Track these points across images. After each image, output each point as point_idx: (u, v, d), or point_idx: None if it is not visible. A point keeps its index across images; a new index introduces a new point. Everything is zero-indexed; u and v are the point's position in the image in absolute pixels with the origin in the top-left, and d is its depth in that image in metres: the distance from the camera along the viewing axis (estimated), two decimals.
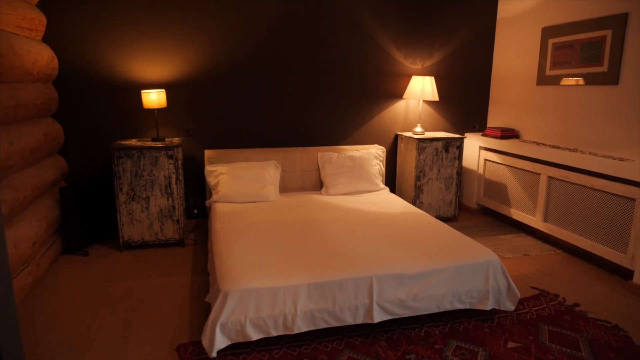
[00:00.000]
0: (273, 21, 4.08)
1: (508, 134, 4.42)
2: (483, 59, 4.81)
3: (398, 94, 4.58)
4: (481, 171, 4.66)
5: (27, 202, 3.01)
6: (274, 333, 2.27)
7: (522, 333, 2.52)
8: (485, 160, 4.59)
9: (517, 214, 4.18)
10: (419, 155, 4.26)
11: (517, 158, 4.12)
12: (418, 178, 4.32)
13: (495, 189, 4.50)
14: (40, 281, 3.08)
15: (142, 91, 3.64)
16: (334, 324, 2.36)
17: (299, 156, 4.15)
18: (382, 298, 2.41)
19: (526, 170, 4.03)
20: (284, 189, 4.11)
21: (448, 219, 4.54)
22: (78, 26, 3.66)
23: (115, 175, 3.49)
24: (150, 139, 3.79)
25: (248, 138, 4.24)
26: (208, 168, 3.91)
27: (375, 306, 2.39)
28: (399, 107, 4.64)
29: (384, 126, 4.63)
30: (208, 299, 2.44)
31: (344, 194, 4.00)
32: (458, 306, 2.57)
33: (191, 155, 4.13)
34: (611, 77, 3.42)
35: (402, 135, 4.54)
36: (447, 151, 4.35)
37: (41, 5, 3.43)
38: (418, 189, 4.34)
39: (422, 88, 4.29)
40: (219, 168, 3.87)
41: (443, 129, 4.83)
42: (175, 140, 3.81)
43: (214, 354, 2.18)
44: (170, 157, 3.57)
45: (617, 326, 2.62)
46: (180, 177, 3.66)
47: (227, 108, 4.14)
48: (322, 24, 4.21)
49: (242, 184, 3.77)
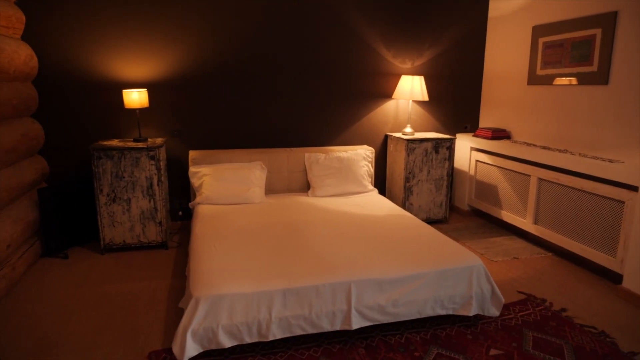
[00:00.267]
0: (259, 20, 4.01)
1: (499, 135, 4.35)
2: (474, 59, 4.74)
3: (387, 94, 4.51)
4: (472, 172, 4.59)
5: (2, 204, 2.94)
6: (248, 340, 2.20)
7: (506, 340, 2.44)
8: (476, 161, 4.52)
9: (508, 216, 4.10)
10: (408, 156, 4.19)
11: (508, 159, 4.05)
12: (407, 179, 4.24)
13: (486, 191, 4.42)
14: (15, 285, 3.01)
15: (124, 90, 3.57)
16: (311, 331, 2.29)
17: (286, 157, 4.08)
18: (361, 304, 2.34)
19: (517, 171, 3.96)
20: (270, 191, 4.04)
21: (439, 221, 4.47)
22: (59, 24, 3.59)
23: (95, 176, 3.42)
24: (132, 140, 3.72)
25: (234, 139, 4.16)
26: (192, 169, 3.84)
27: (353, 312, 2.32)
28: (389, 107, 4.57)
29: (374, 126, 4.56)
30: (181, 305, 2.36)
31: (331, 196, 3.93)
32: (440, 312, 2.50)
33: (176, 156, 4.06)
34: (601, 77, 3.35)
35: (392, 135, 4.47)
36: (437, 152, 4.27)
37: (20, 3, 3.36)
38: (407, 191, 4.27)
39: (412, 88, 4.22)
40: (203, 169, 3.80)
41: (434, 130, 4.75)
42: (158, 140, 3.73)
43: None
44: (151, 158, 3.50)
45: (604, 332, 2.55)
46: (162, 179, 3.58)
47: (213, 108, 4.07)
48: (310, 23, 4.14)
49: (227, 186, 3.70)
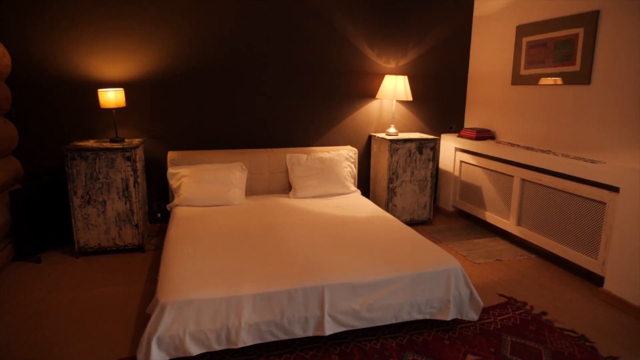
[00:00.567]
0: (239, 19, 3.93)
1: (483, 135, 4.31)
2: (459, 58, 4.70)
3: (371, 94, 4.45)
4: (457, 173, 4.54)
5: None
6: (217, 347, 2.13)
7: (484, 345, 2.39)
8: (460, 162, 4.48)
9: (492, 217, 4.06)
10: (392, 156, 4.14)
11: (492, 160, 4.01)
12: (391, 180, 4.19)
13: (470, 192, 4.38)
14: None
15: (99, 90, 3.48)
16: (283, 337, 2.22)
17: (267, 158, 4.01)
18: (335, 309, 2.27)
19: (500, 172, 3.92)
20: (251, 192, 3.97)
21: (423, 223, 4.42)
22: (33, 21, 3.49)
23: (69, 178, 3.33)
24: (108, 140, 3.64)
25: (214, 139, 4.09)
26: (170, 170, 3.76)
27: (326, 318, 2.25)
28: (373, 107, 4.51)
29: (358, 127, 4.51)
30: (149, 310, 2.29)
31: (313, 197, 3.86)
32: (417, 317, 2.44)
33: (155, 156, 3.97)
34: (583, 77, 3.31)
35: (376, 136, 4.41)
36: (421, 153, 4.22)
37: None
38: (391, 192, 4.22)
39: (395, 88, 4.17)
40: (182, 170, 3.73)
41: (419, 130, 4.70)
42: (135, 141, 3.65)
43: None
44: (127, 159, 3.42)
45: (584, 336, 2.50)
46: (139, 180, 3.50)
47: (192, 108, 3.99)
48: (292, 22, 4.07)
49: (205, 187, 3.63)
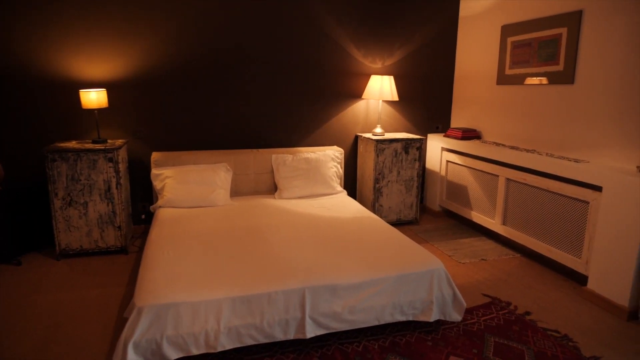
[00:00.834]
0: (224, 18, 3.90)
1: (469, 135, 4.30)
2: (446, 58, 4.69)
3: (358, 94, 4.43)
4: (443, 173, 4.54)
5: None
6: (195, 352, 2.10)
7: (467, 346, 2.38)
8: (447, 161, 4.48)
9: (478, 217, 4.06)
10: (378, 157, 4.12)
11: (477, 159, 4.01)
12: (377, 180, 4.17)
13: (456, 191, 4.38)
14: None
15: (80, 91, 3.43)
16: (263, 341, 2.19)
17: (252, 158, 3.98)
18: (316, 311, 2.25)
19: (486, 172, 3.92)
20: (237, 193, 3.94)
21: (409, 223, 4.42)
22: (11, 21, 3.43)
23: (49, 179, 3.27)
24: (91, 141, 3.58)
25: (198, 140, 4.04)
26: (154, 171, 3.71)
27: (308, 320, 2.23)
28: (359, 107, 4.50)
29: (344, 127, 4.48)
30: (127, 314, 2.24)
31: (299, 198, 3.84)
32: (399, 318, 2.42)
33: (139, 157, 3.92)
34: (567, 76, 3.32)
35: (362, 136, 4.40)
36: (407, 153, 4.21)
37: None
38: (377, 192, 4.20)
39: (381, 88, 4.15)
40: (166, 171, 3.68)
41: (405, 130, 4.69)
42: (117, 142, 3.60)
43: None
44: (109, 160, 3.37)
45: (567, 336, 2.50)
46: (121, 181, 3.45)
47: (176, 109, 3.94)
48: (278, 21, 4.04)
49: (190, 188, 3.59)
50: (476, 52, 4.38)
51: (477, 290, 3.04)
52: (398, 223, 4.34)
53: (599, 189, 2.84)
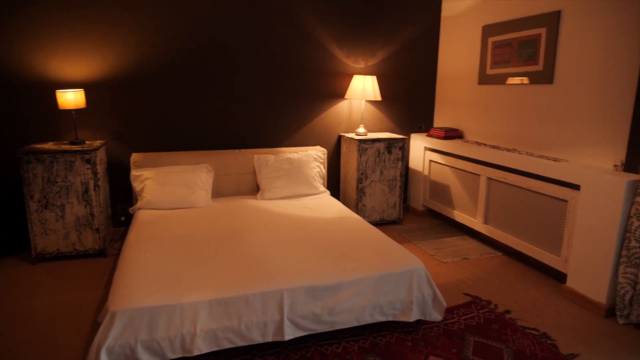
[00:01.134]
0: (204, 17, 3.85)
1: (452, 135, 4.32)
2: (428, 58, 4.70)
3: (340, 94, 4.42)
4: (426, 172, 4.55)
5: None
6: (171, 356, 2.06)
7: (446, 345, 2.38)
8: (430, 161, 4.49)
9: (460, 216, 4.08)
10: (360, 156, 4.11)
11: (459, 159, 4.02)
12: (360, 180, 4.17)
13: (439, 191, 4.39)
14: None
15: (57, 91, 3.36)
16: (240, 344, 2.16)
17: (234, 159, 3.94)
18: (294, 313, 2.23)
19: (467, 171, 3.93)
20: (219, 194, 3.89)
21: (393, 222, 4.42)
22: None
23: (24, 181, 3.20)
24: (68, 142, 3.52)
25: (179, 141, 3.99)
26: (134, 172, 3.65)
27: (286, 322, 2.20)
28: (342, 107, 4.48)
29: (327, 127, 4.47)
30: (100, 319, 2.20)
31: (281, 198, 3.81)
32: (380, 319, 2.41)
33: (118, 158, 3.86)
34: (546, 76, 3.34)
35: (345, 136, 4.38)
36: (390, 152, 4.21)
37: None
38: (360, 192, 4.19)
39: (364, 88, 4.14)
40: (145, 172, 3.63)
41: (388, 130, 4.70)
42: (95, 143, 3.54)
43: None
44: (87, 162, 3.31)
45: (546, 334, 2.51)
46: (99, 183, 3.39)
47: (156, 109, 3.89)
48: (259, 21, 4.01)
49: (170, 190, 3.54)
50: (458, 52, 4.40)
51: (459, 289, 3.05)
52: (381, 223, 4.34)
53: (577, 188, 2.87)
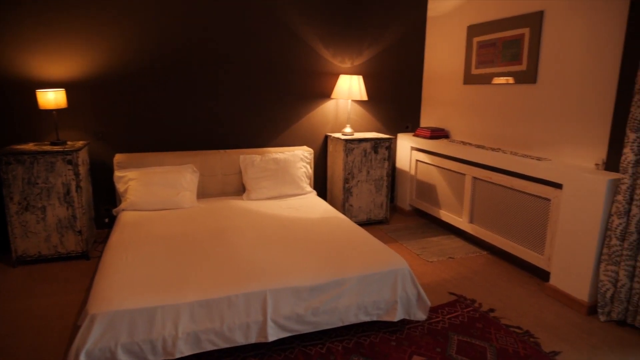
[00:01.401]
0: (188, 15, 3.82)
1: (438, 134, 4.34)
2: (414, 58, 4.72)
3: (327, 94, 4.41)
4: (413, 172, 4.57)
5: None
6: (152, 359, 2.03)
7: (430, 345, 2.38)
8: (416, 161, 4.50)
9: (446, 216, 4.09)
10: (347, 156, 4.11)
11: (445, 158, 4.04)
12: (347, 180, 4.16)
13: (426, 190, 4.41)
14: None
15: (37, 91, 3.30)
16: (223, 346, 2.14)
17: (219, 159, 3.91)
18: (278, 314, 2.21)
19: (453, 170, 3.95)
20: (204, 195, 3.86)
21: (380, 222, 4.42)
22: None
23: (4, 183, 3.14)
24: (49, 143, 3.46)
25: (163, 141, 3.95)
26: (117, 173, 3.60)
27: (269, 323, 2.19)
28: (329, 107, 4.48)
29: (314, 127, 4.46)
30: (80, 322, 2.17)
31: (267, 199, 3.79)
32: (364, 319, 2.40)
33: (101, 159, 3.81)
34: (530, 76, 3.37)
35: (331, 136, 4.38)
36: (376, 152, 4.21)
37: None
38: (347, 192, 4.19)
39: (350, 87, 4.14)
40: (129, 173, 3.58)
41: (375, 130, 4.70)
42: (78, 144, 3.49)
43: None
44: (69, 163, 3.26)
45: (529, 332, 2.53)
46: (81, 184, 3.34)
47: (140, 109, 3.85)
48: (244, 20, 3.98)
49: (154, 190, 3.50)
50: (444, 52, 4.42)
51: (444, 288, 3.06)
52: (368, 223, 4.34)
53: (560, 187, 2.89)
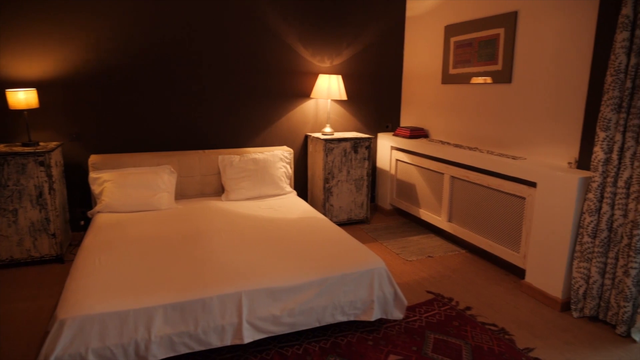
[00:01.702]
0: (167, 13, 3.77)
1: (417, 134, 4.36)
2: (394, 58, 4.74)
3: (306, 93, 4.40)
4: (393, 172, 4.58)
5: None
6: None
7: (407, 344, 2.39)
8: (396, 160, 4.52)
9: (425, 215, 4.12)
10: (327, 156, 4.11)
11: (424, 158, 4.07)
12: (327, 180, 4.16)
13: (406, 190, 4.43)
14: None
15: (7, 91, 3.23)
16: (198, 348, 2.12)
17: (198, 160, 3.87)
18: (253, 315, 2.19)
19: (432, 170, 3.98)
20: (182, 196, 3.82)
21: (361, 222, 4.43)
22: None
23: None
24: (20, 144, 3.38)
25: (139, 141, 3.90)
26: (92, 175, 3.54)
27: (245, 325, 2.17)
28: (309, 107, 4.47)
29: (294, 127, 4.44)
30: (49, 327, 2.12)
31: (247, 199, 3.76)
32: (341, 319, 2.40)
33: (76, 161, 3.74)
34: (505, 76, 3.41)
35: (311, 136, 4.37)
36: (356, 152, 4.22)
37: None
38: (327, 192, 4.19)
39: (329, 87, 4.14)
40: (104, 175, 3.52)
41: (356, 129, 4.71)
42: (50, 145, 3.42)
43: None
44: (41, 164, 3.19)
45: (504, 329, 2.56)
46: (55, 186, 3.28)
47: (115, 109, 3.78)
48: (222, 19, 3.95)
49: (130, 192, 3.44)
50: (422, 52, 4.44)
51: (422, 287, 3.07)
52: (349, 223, 4.35)
53: (534, 185, 2.93)
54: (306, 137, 4.50)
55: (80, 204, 3.81)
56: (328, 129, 4.31)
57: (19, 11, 3.37)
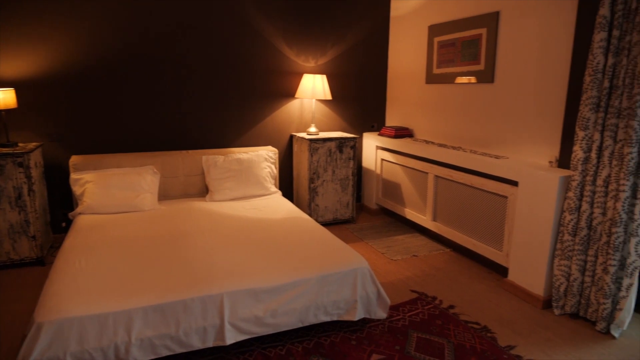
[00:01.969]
0: (150, 12, 3.73)
1: (402, 133, 4.38)
2: (378, 57, 4.75)
3: (291, 93, 4.39)
4: (379, 171, 4.60)
5: None
6: None
7: (390, 343, 2.40)
8: (382, 160, 4.53)
9: (410, 214, 4.14)
10: (312, 156, 4.10)
11: (409, 157, 4.09)
12: (312, 180, 4.15)
13: (391, 189, 4.44)
14: None
15: None
16: (179, 350, 2.10)
17: (181, 160, 3.84)
18: (236, 317, 2.18)
19: (416, 169, 4.00)
20: (166, 197, 3.79)
21: (346, 222, 4.43)
22: None
23: None
24: None
25: (122, 142, 3.85)
26: (73, 176, 3.49)
27: (227, 326, 2.16)
28: (294, 107, 4.46)
29: (279, 126, 4.43)
30: (26, 331, 2.08)
31: (231, 200, 3.74)
32: (324, 319, 2.40)
33: (57, 161, 3.68)
34: (487, 76, 3.44)
35: (296, 135, 4.36)
36: (341, 151, 4.22)
37: None
38: (312, 192, 4.18)
39: (313, 87, 4.13)
40: (86, 176, 3.47)
41: (341, 129, 4.71)
42: (30, 145, 3.36)
43: None
44: (19, 165, 3.13)
45: (486, 327, 2.58)
46: (34, 188, 3.22)
47: (97, 109, 3.73)
48: (207, 19, 3.92)
49: (112, 193, 3.40)
50: (407, 52, 4.46)
51: (406, 286, 3.09)
52: (335, 222, 4.35)
53: (516, 184, 2.96)
54: (291, 137, 4.49)
55: (62, 206, 3.76)
56: (313, 129, 4.30)
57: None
